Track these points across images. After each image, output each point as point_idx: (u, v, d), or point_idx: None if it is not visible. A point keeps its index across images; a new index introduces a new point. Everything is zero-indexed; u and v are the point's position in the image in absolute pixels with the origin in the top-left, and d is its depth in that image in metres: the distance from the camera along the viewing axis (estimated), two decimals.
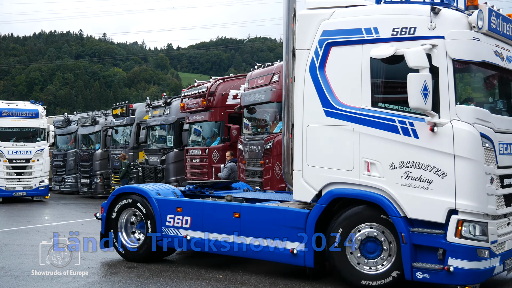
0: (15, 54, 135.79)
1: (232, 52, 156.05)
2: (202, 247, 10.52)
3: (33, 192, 26.48)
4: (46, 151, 27.13)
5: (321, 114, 9.20)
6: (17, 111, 26.60)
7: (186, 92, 20.91)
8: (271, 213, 9.88)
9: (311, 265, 9.32)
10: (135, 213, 11.48)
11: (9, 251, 12.93)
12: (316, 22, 9.36)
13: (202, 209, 10.64)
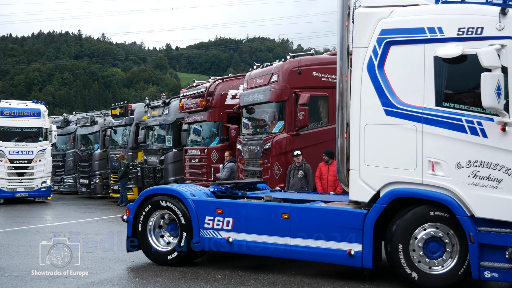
0: (14, 54, 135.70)
1: (230, 52, 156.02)
2: (245, 249, 10.31)
3: (35, 193, 26.07)
4: (48, 151, 26.81)
5: (381, 113, 9.14)
6: (18, 110, 26.19)
7: (185, 92, 20.91)
8: (325, 213, 9.70)
9: (369, 266, 9.26)
10: (163, 215, 11.14)
11: (8, 252, 12.92)
12: (374, 21, 9.30)
13: (245, 210, 10.35)
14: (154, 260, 11.10)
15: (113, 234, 15.98)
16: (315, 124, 15.33)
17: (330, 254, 9.50)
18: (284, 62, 15.52)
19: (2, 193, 25.30)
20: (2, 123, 25.63)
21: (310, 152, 15.10)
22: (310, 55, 16.12)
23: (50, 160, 27.16)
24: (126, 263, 11.43)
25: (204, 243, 10.60)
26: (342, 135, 9.93)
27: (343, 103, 9.92)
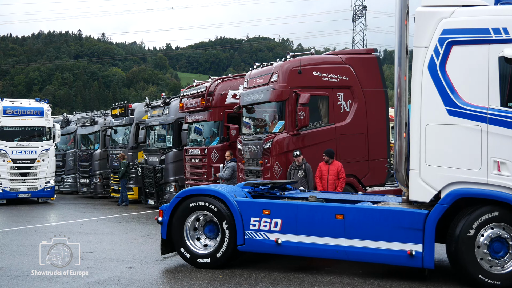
0: (14, 54, 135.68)
1: (231, 52, 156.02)
2: (296, 251, 10.20)
3: (38, 193, 25.64)
4: (52, 151, 26.29)
5: (443, 113, 9.16)
6: (21, 109, 25.68)
7: (185, 92, 20.90)
8: (383, 214, 9.63)
9: (431, 266, 9.27)
10: (198, 217, 10.88)
11: (8, 251, 12.93)
12: (435, 20, 9.31)
13: (295, 211, 10.17)
14: (192, 263, 10.77)
15: (113, 234, 16.01)
16: (315, 124, 15.32)
17: (389, 255, 9.47)
18: (284, 61, 15.51)
19: (4, 194, 24.87)
20: (4, 122, 25.15)
21: (311, 151, 15.10)
22: (310, 55, 16.11)
23: (54, 160, 26.66)
24: (126, 263, 11.43)
25: (249, 245, 10.40)
26: (400, 135, 9.89)
27: (401, 103, 9.86)
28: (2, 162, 24.80)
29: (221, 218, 10.55)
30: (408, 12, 9.87)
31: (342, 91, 15.64)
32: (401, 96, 9.84)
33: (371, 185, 15.96)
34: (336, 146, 15.20)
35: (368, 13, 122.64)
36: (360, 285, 9.38)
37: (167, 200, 21.41)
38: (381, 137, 16.13)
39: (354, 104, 15.73)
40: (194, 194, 10.94)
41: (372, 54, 16.60)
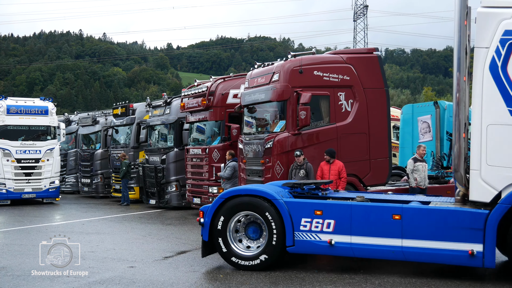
0: (15, 54, 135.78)
1: (232, 51, 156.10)
2: (350, 252, 10.10)
3: (43, 194, 25.12)
4: (57, 150, 25.75)
5: (505, 113, 9.18)
6: (25, 108, 25.12)
7: (186, 91, 20.89)
8: (442, 214, 9.62)
9: (492, 266, 9.28)
10: (239, 219, 10.62)
11: (10, 251, 12.94)
12: (496, 21, 9.31)
13: (350, 211, 10.07)
14: (237, 266, 10.50)
15: (114, 234, 16.02)
16: (316, 123, 15.32)
17: (449, 254, 9.47)
18: (285, 61, 15.50)
19: (9, 194, 24.37)
20: (8, 121, 24.63)
21: (312, 151, 15.10)
22: (311, 54, 16.10)
23: (59, 159, 26.15)
24: (128, 263, 11.43)
25: (300, 246, 10.24)
26: (460, 135, 9.89)
27: (460, 103, 9.83)
28: (6, 162, 24.39)
29: (267, 219, 10.34)
30: (467, 13, 9.87)
31: (343, 90, 15.63)
32: (460, 98, 9.82)
33: (372, 185, 15.95)
34: (337, 146, 15.19)
35: (369, 12, 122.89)
36: (361, 285, 9.37)
37: (169, 200, 21.44)
38: (382, 136, 16.12)
39: (355, 104, 15.71)
40: (238, 195, 10.72)
41: (373, 53, 16.59)
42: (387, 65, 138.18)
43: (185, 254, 12.32)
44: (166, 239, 14.66)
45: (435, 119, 24.05)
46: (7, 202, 24.40)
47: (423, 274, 10.16)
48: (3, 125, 24.50)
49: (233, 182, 17.38)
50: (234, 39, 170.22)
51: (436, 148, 23.96)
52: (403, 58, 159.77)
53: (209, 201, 18.81)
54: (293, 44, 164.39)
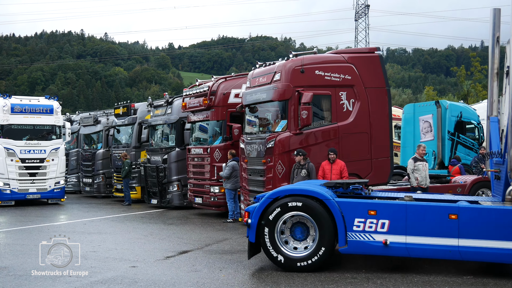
0: (17, 54, 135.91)
1: (233, 51, 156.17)
2: (405, 252, 10.02)
3: (48, 194, 24.56)
4: (62, 150, 25.14)
5: None
6: (30, 107, 24.53)
7: (187, 91, 20.88)
8: (500, 213, 9.66)
9: None
10: (285, 220, 10.42)
11: (12, 251, 12.95)
12: None
13: (405, 211, 9.99)
14: (284, 267, 10.32)
15: (116, 233, 16.03)
16: (318, 123, 15.32)
17: (506, 253, 9.54)
18: (287, 60, 15.50)
19: (13, 195, 23.76)
20: (13, 120, 24.04)
21: (313, 151, 15.11)
22: (312, 54, 16.09)
23: (64, 159, 25.48)
24: (129, 262, 11.43)
25: (353, 246, 10.13)
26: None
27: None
28: (10, 161, 23.78)
29: (318, 219, 10.21)
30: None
31: (344, 90, 15.62)
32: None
33: (374, 184, 15.93)
34: (338, 145, 15.20)
35: (371, 12, 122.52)
36: (363, 284, 9.37)
37: (170, 200, 21.45)
38: (384, 136, 16.10)
39: (357, 103, 15.71)
40: (287, 195, 10.54)
41: (375, 53, 16.57)
42: (388, 65, 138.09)
43: (187, 254, 12.32)
44: (167, 238, 14.66)
45: (436, 118, 24.07)
46: (11, 203, 23.88)
47: (425, 272, 10.15)
48: (7, 124, 23.99)
49: (233, 182, 17.40)
50: (235, 38, 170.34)
51: (438, 147, 23.99)
52: (404, 57, 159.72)
53: (210, 201, 18.83)
54: (294, 44, 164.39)
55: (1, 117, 23.83)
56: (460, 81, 58.63)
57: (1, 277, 10.19)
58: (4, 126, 23.93)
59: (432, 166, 23.70)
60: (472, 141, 24.48)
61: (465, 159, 23.11)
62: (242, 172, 16.57)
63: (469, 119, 24.61)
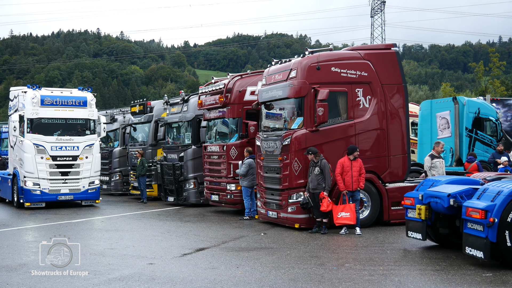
0: (34, 53, 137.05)
1: (248, 48, 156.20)
2: None
3: (82, 195, 22.38)
4: (97, 147, 22.95)
5: None
6: (62, 99, 22.26)
7: (203, 89, 20.89)
8: None
9: None
10: None
11: (30, 247, 13.03)
12: None
13: None
14: None
15: (133, 231, 16.09)
16: (334, 120, 15.27)
17: None
18: (303, 57, 15.46)
19: (43, 196, 21.61)
20: (42, 113, 21.85)
21: (330, 147, 15.06)
22: (328, 51, 16.03)
23: (99, 157, 23.32)
24: (147, 259, 11.48)
25: None
26: None
27: None
28: (40, 159, 21.61)
29: None
30: None
31: (361, 86, 15.55)
32: None
33: (390, 181, 15.86)
34: (355, 142, 15.14)
35: (387, 8, 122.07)
36: (381, 282, 9.32)
37: (187, 197, 21.49)
38: (400, 132, 16.02)
39: (373, 100, 15.64)
40: None
41: (391, 49, 16.49)
42: (405, 61, 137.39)
43: (204, 251, 12.35)
44: (184, 236, 14.70)
45: (454, 115, 23.86)
46: (41, 204, 21.74)
47: (443, 270, 10.09)
48: (37, 118, 21.89)
49: (249, 179, 17.39)
50: (251, 36, 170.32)
51: (455, 144, 23.79)
52: (421, 53, 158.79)
53: (227, 198, 18.83)
54: (310, 41, 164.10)
55: (30, 110, 21.74)
56: (478, 77, 58.17)
57: (21, 274, 10.29)
58: (34, 120, 21.89)
59: (450, 163, 23.51)
60: (490, 138, 24.24)
61: (483, 156, 22.90)
62: (259, 170, 16.56)
63: (487, 115, 24.37)
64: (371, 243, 13.02)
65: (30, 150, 21.49)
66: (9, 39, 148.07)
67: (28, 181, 21.48)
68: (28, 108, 21.64)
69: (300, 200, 14.74)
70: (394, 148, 15.85)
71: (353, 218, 14.20)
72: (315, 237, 13.88)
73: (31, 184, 21.52)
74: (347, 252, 12.36)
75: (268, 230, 15.23)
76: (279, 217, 15.58)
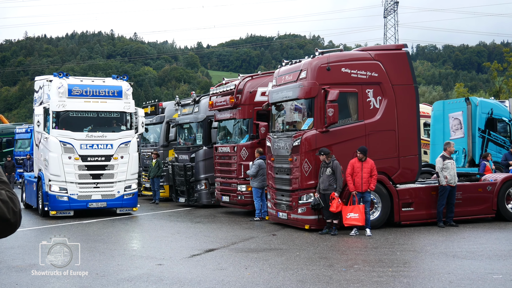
0: (48, 54, 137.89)
1: (261, 49, 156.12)
2: None
3: (116, 202, 19.12)
4: (134, 145, 19.57)
5: None
6: (93, 88, 18.98)
7: (214, 90, 20.93)
8: None
9: None
10: None
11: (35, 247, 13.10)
12: None
13: None
14: None
15: (143, 231, 16.14)
16: (344, 121, 15.22)
17: None
18: (313, 58, 15.42)
19: (71, 203, 18.49)
20: (70, 105, 18.59)
21: (340, 148, 15.01)
22: (339, 51, 15.99)
23: (137, 156, 19.90)
24: (156, 260, 11.50)
25: None
26: None
27: None
28: (68, 159, 18.41)
29: None
30: None
31: (371, 87, 15.49)
32: None
33: (401, 182, 15.79)
34: (365, 143, 15.07)
35: (400, 9, 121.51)
36: (389, 284, 9.26)
37: (198, 198, 21.51)
38: (411, 133, 15.94)
39: (384, 101, 15.57)
40: None
41: (402, 50, 16.41)
42: (418, 62, 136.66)
43: (213, 252, 12.35)
44: (194, 237, 14.72)
45: (466, 115, 23.71)
46: (69, 213, 18.71)
47: (452, 272, 10.01)
48: (63, 111, 18.69)
49: (259, 180, 17.38)
50: (264, 37, 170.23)
51: (468, 145, 23.63)
52: (434, 54, 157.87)
53: (237, 199, 18.85)
54: (323, 42, 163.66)
55: (56, 102, 18.52)
56: (492, 77, 57.75)
57: (30, 274, 10.34)
58: (60, 113, 18.69)
59: (463, 163, 23.37)
60: (503, 138, 24.06)
61: (496, 157, 22.74)
62: (269, 171, 16.55)
63: (500, 116, 24.19)
64: (381, 245, 12.96)
65: (55, 148, 18.36)
66: (23, 40, 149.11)
67: (53, 186, 18.39)
68: (54, 100, 18.49)
69: (310, 201, 14.71)
70: (404, 149, 15.77)
71: (362, 219, 14.15)
72: (325, 238, 13.85)
73: (57, 189, 18.39)
74: (357, 253, 12.32)
75: (278, 231, 15.21)
76: (289, 218, 15.56)
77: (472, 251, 12.03)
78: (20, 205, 3.38)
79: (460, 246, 12.91)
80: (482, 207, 16.48)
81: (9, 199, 3.30)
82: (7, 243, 13.36)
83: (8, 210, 3.26)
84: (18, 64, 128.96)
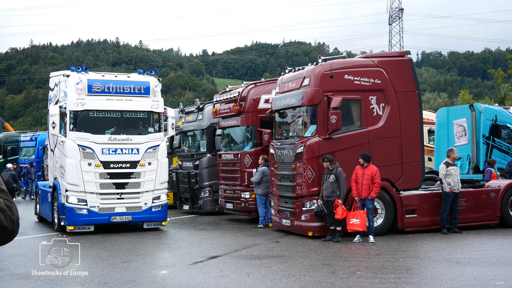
0: (54, 62, 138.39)
1: (267, 56, 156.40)
2: None
3: (143, 215, 16.83)
4: (163, 149, 17.29)
5: None
6: (116, 84, 16.63)
7: (218, 97, 20.99)
8: None
9: None
10: None
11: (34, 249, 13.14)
12: None
13: None
14: None
15: (147, 238, 16.14)
16: (347, 128, 15.23)
17: None
18: (316, 65, 15.45)
19: (92, 217, 16.25)
20: (90, 104, 16.27)
21: (343, 155, 15.01)
22: (342, 58, 16.02)
23: (166, 162, 17.67)
24: (158, 267, 11.52)
25: None
26: None
27: None
28: (88, 166, 16.15)
29: None
30: None
31: (374, 94, 15.51)
32: None
33: (405, 189, 15.77)
34: (369, 150, 15.07)
35: (405, 16, 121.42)
36: None
37: (202, 205, 21.53)
38: (415, 140, 15.93)
39: (387, 107, 15.57)
40: None
41: (405, 56, 16.44)
42: (423, 68, 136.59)
43: (216, 259, 12.36)
44: (197, 244, 14.74)
45: (471, 122, 23.68)
46: (89, 228, 16.46)
47: (455, 278, 9.99)
48: (82, 111, 16.38)
49: (263, 187, 17.38)
50: (269, 44, 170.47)
51: (472, 152, 23.59)
52: (440, 61, 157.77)
53: (241, 206, 18.86)
54: (328, 49, 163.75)
55: (74, 100, 16.22)
56: (497, 84, 57.70)
57: (32, 282, 10.37)
58: (78, 113, 16.40)
59: (467, 170, 23.32)
60: (507, 145, 24.01)
61: (500, 163, 22.69)
62: (273, 178, 16.57)
63: (505, 123, 24.14)
64: (384, 251, 12.95)
65: (73, 154, 16.05)
66: (29, 48, 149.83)
67: (71, 197, 16.15)
68: (71, 97, 16.17)
69: (314, 208, 14.71)
70: (408, 155, 15.76)
71: (363, 225, 14.15)
72: (328, 245, 13.84)
73: (75, 200, 16.15)
74: (360, 260, 12.31)
75: (282, 238, 15.21)
76: (292, 225, 15.56)
77: (475, 258, 12.01)
78: (18, 213, 3.41)
79: (463, 252, 12.88)
80: (485, 214, 16.46)
81: (7, 207, 3.34)
82: (10, 250, 13.42)
83: (5, 218, 3.30)
84: (23, 72, 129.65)
